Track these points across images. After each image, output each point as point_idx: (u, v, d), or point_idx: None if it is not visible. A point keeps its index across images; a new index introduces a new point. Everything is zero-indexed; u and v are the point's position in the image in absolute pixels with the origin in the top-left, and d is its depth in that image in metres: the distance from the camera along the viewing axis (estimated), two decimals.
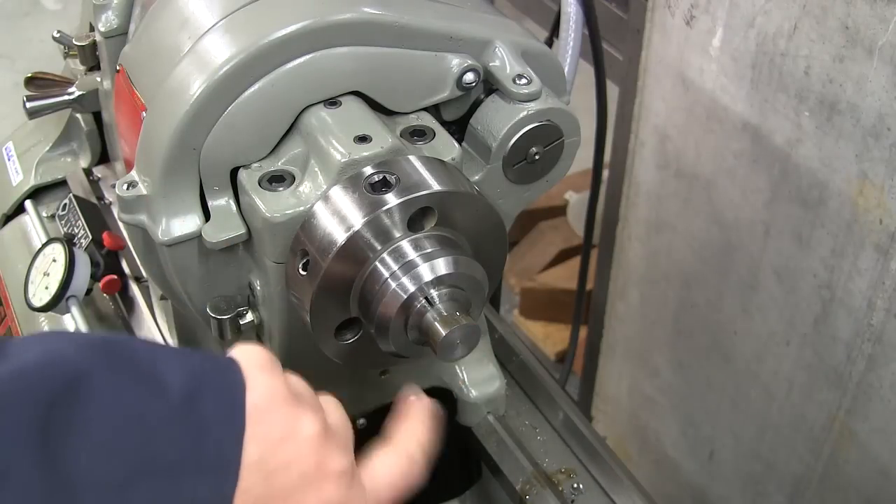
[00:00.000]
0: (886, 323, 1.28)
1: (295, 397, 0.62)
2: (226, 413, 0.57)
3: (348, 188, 0.77)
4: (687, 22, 1.43)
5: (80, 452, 0.52)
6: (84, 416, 0.53)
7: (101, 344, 0.57)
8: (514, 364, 1.11)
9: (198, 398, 0.56)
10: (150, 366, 0.57)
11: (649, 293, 1.79)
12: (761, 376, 1.54)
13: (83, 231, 1.19)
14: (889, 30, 1.12)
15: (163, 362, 0.57)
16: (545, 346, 2.47)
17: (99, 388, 0.54)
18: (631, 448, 2.02)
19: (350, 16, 0.81)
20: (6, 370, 0.52)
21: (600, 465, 1.01)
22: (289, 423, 0.61)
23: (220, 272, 0.85)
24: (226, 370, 0.60)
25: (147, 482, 0.54)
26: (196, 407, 0.56)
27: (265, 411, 0.60)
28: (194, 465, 0.55)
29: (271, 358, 0.64)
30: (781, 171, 1.35)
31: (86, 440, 0.52)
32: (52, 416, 0.52)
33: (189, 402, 0.56)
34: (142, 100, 0.89)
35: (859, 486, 1.43)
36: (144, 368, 0.57)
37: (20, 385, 0.52)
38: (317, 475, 0.61)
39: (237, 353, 0.63)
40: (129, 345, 0.59)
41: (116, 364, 0.56)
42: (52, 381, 0.53)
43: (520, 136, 0.86)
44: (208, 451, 0.56)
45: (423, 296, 0.77)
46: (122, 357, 0.57)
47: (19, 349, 0.55)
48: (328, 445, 0.62)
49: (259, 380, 0.61)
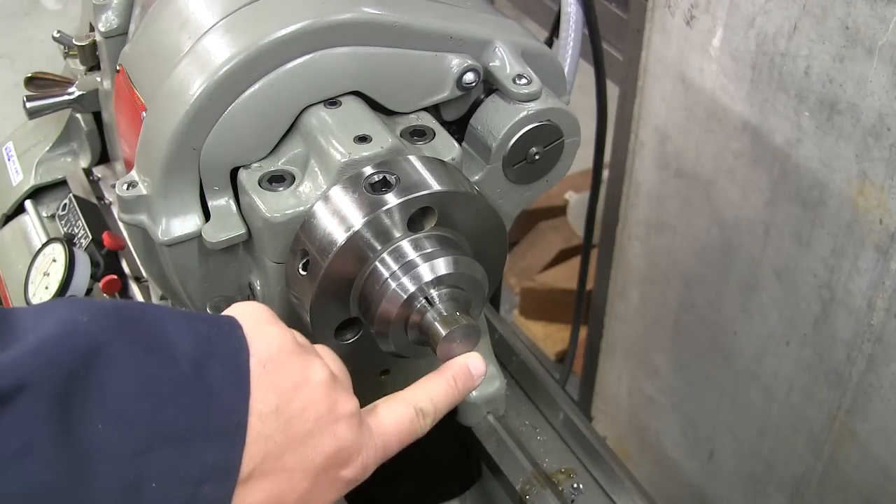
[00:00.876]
0: (886, 323, 1.28)
1: (301, 347, 0.65)
2: (232, 378, 0.59)
3: (348, 188, 0.77)
4: (687, 22, 1.43)
5: (96, 423, 0.54)
6: (100, 387, 0.54)
7: (114, 312, 0.58)
8: (514, 364, 1.11)
9: (206, 364, 0.58)
10: (160, 332, 0.58)
11: (649, 293, 1.79)
12: (761, 376, 1.54)
13: (83, 231, 1.19)
14: (889, 30, 1.12)
15: (172, 327, 0.59)
16: (545, 346, 2.47)
17: (114, 358, 0.55)
18: (631, 448, 2.02)
19: (350, 16, 0.81)
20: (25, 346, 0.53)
21: (600, 465, 1.01)
22: (300, 370, 0.63)
23: (220, 272, 0.85)
24: (230, 334, 0.61)
25: (159, 450, 0.55)
26: (204, 373, 0.58)
27: (278, 362, 0.62)
28: (203, 431, 0.57)
29: (272, 312, 0.66)
30: (781, 171, 1.35)
31: (102, 411, 0.54)
32: (71, 388, 0.53)
33: (197, 368, 0.58)
34: (142, 100, 0.89)
35: (859, 486, 1.43)
36: (155, 335, 0.58)
37: (42, 359, 0.53)
38: (330, 417, 0.64)
39: (239, 312, 0.65)
40: (139, 311, 0.60)
41: (129, 333, 0.57)
42: (70, 355, 0.54)
43: (520, 136, 0.86)
44: (217, 417, 0.57)
45: (423, 296, 0.77)
46: (134, 325, 0.58)
47: (33, 320, 0.56)
48: (337, 389, 0.65)
49: (268, 333, 0.63)
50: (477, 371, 0.76)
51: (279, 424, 0.60)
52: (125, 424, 0.54)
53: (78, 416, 0.53)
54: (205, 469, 0.56)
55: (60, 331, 0.55)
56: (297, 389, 0.62)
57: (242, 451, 0.58)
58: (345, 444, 0.64)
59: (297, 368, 0.63)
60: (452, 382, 0.74)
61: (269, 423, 0.60)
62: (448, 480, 1.11)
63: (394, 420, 0.70)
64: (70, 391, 0.53)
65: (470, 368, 0.75)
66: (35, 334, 0.54)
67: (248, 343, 0.61)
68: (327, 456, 0.63)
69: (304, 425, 0.62)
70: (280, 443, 0.60)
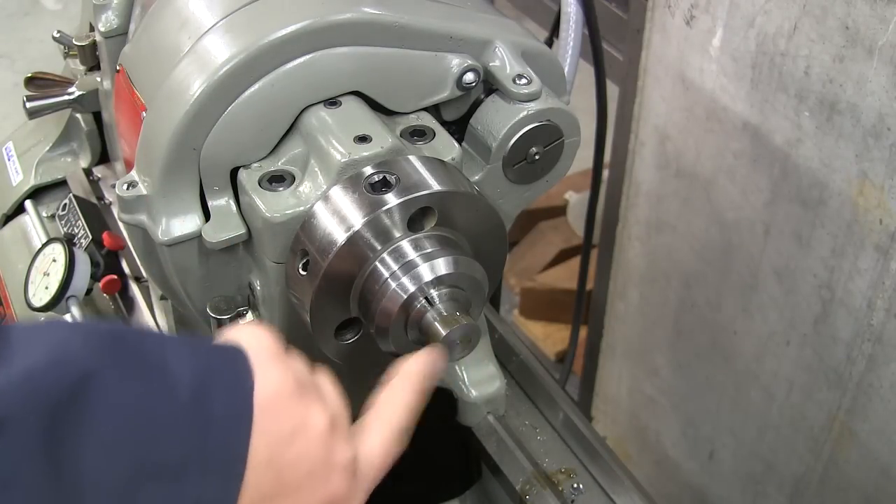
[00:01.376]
0: (886, 323, 1.28)
1: (302, 388, 0.62)
2: (234, 411, 0.57)
3: (348, 188, 0.77)
4: (687, 22, 1.43)
5: (85, 456, 0.52)
6: (91, 418, 0.52)
7: (109, 338, 0.56)
8: (514, 364, 1.11)
9: (206, 395, 0.56)
10: (159, 359, 0.56)
11: (649, 293, 1.79)
12: (761, 376, 1.54)
13: (83, 231, 1.19)
14: (889, 30, 1.12)
15: (172, 354, 0.57)
16: (545, 346, 2.46)
17: (106, 388, 0.53)
18: (631, 448, 2.02)
19: (350, 16, 0.81)
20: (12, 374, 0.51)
21: (600, 465, 1.01)
22: (298, 418, 0.60)
23: (220, 272, 0.85)
24: (234, 364, 0.59)
25: (152, 483, 0.53)
26: (204, 405, 0.55)
27: (275, 407, 0.59)
28: (200, 466, 0.55)
29: (278, 344, 0.63)
30: (781, 171, 1.35)
31: (92, 443, 0.52)
32: (59, 419, 0.51)
33: (197, 399, 0.55)
34: (142, 100, 0.89)
35: (859, 486, 1.43)
36: (153, 362, 0.56)
37: (27, 390, 0.51)
38: (325, 469, 0.61)
39: (244, 339, 0.62)
40: (137, 337, 0.58)
41: (124, 360, 0.55)
42: (58, 385, 0.52)
43: (520, 136, 0.86)
44: (215, 451, 0.55)
45: (423, 296, 0.77)
46: (129, 351, 0.55)
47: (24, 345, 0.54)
48: (335, 436, 0.63)
49: (269, 373, 0.60)
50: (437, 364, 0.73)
51: (271, 475, 0.58)
52: (116, 457, 0.52)
53: (66, 448, 0.51)
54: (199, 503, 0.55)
55: (49, 359, 0.52)
56: (293, 438, 0.60)
57: (240, 488, 0.56)
58: (338, 494, 0.62)
59: (295, 415, 0.60)
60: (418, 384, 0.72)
61: (262, 473, 0.57)
62: (448, 480, 1.11)
63: (382, 450, 0.67)
64: (58, 423, 0.51)
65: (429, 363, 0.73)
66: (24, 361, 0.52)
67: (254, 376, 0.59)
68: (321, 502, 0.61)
69: (298, 475, 0.60)
70: (269, 493, 0.58)
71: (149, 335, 0.60)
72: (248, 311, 0.88)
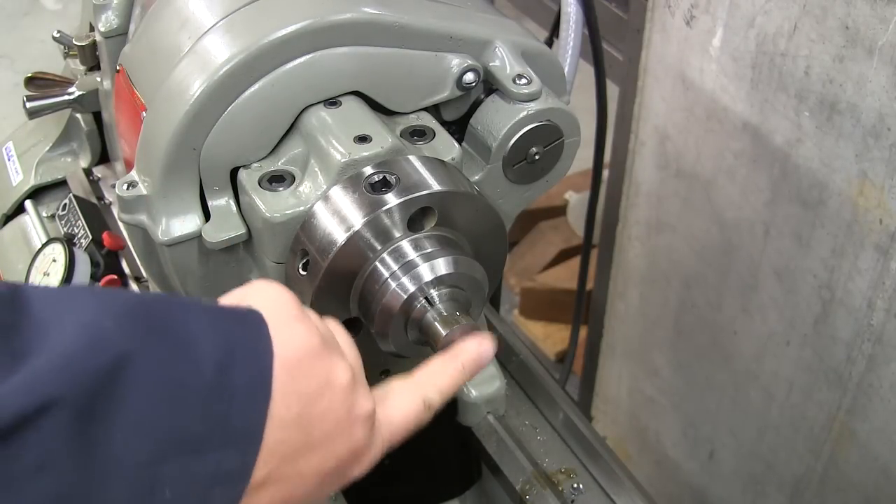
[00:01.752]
0: (886, 323, 1.28)
1: (324, 344, 0.63)
2: (254, 382, 0.58)
3: (348, 188, 0.77)
4: (687, 22, 1.43)
5: (116, 437, 0.52)
6: (125, 400, 0.53)
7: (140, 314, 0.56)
8: (514, 364, 1.11)
9: (228, 366, 0.57)
10: (184, 333, 0.57)
11: (649, 293, 1.79)
12: (761, 376, 1.54)
13: (83, 231, 1.19)
14: (889, 30, 1.12)
15: (196, 326, 0.57)
16: (545, 346, 2.47)
17: (140, 370, 0.54)
18: (631, 448, 2.02)
19: (350, 16, 0.81)
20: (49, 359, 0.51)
21: (600, 465, 1.01)
22: (324, 375, 0.62)
23: (220, 272, 0.85)
24: (254, 333, 0.60)
25: (175, 458, 0.54)
26: (226, 377, 0.56)
27: (301, 367, 0.60)
28: (221, 438, 0.56)
29: (298, 303, 0.64)
30: (781, 171, 1.35)
31: (124, 424, 0.53)
32: (96, 405, 0.52)
33: (220, 372, 0.56)
34: (142, 100, 0.89)
35: (859, 486, 1.43)
36: (180, 337, 0.56)
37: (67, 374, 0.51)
38: (348, 420, 0.63)
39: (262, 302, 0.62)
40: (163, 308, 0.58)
41: (155, 338, 0.55)
42: (97, 368, 0.52)
43: (520, 136, 0.86)
44: (235, 423, 0.56)
45: (423, 296, 0.77)
46: (159, 328, 0.56)
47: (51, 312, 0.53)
48: (356, 389, 0.64)
49: (293, 333, 0.61)
50: (487, 356, 0.74)
51: (300, 430, 0.60)
52: (144, 434, 0.53)
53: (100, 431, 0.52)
54: (218, 474, 0.56)
55: (86, 342, 0.52)
56: (320, 395, 0.61)
57: (256, 458, 0.57)
58: (358, 445, 0.64)
59: (321, 373, 0.62)
60: (461, 369, 0.73)
61: (290, 430, 0.59)
62: (448, 480, 1.11)
63: (403, 413, 0.69)
64: (95, 407, 0.52)
65: (481, 354, 0.74)
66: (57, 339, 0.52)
67: (273, 343, 0.60)
68: (340, 459, 0.63)
69: (323, 429, 0.61)
70: (298, 448, 0.60)
71: (173, 304, 0.59)
72: None
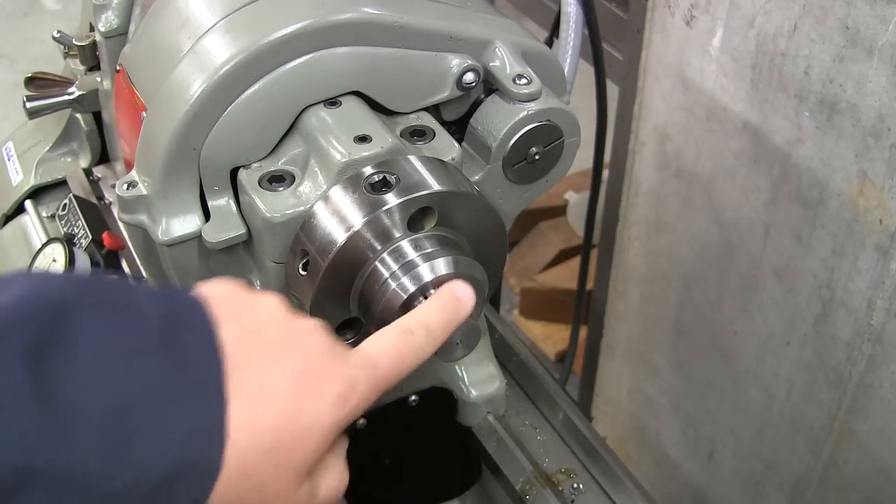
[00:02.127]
0: (886, 323, 1.28)
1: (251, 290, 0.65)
2: (203, 343, 0.58)
3: (348, 188, 0.77)
4: (687, 22, 1.43)
5: (72, 379, 0.53)
6: (72, 345, 0.54)
7: (84, 280, 0.59)
8: (514, 364, 1.11)
9: (174, 329, 0.58)
10: (127, 299, 0.58)
11: (649, 293, 1.79)
12: (761, 376, 1.54)
13: (83, 231, 1.19)
14: (889, 30, 1.12)
15: (138, 295, 0.59)
16: (545, 346, 2.47)
17: (84, 319, 0.55)
18: (631, 448, 2.02)
19: (350, 16, 0.81)
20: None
21: (600, 465, 1.01)
22: (251, 299, 0.63)
23: (220, 272, 0.85)
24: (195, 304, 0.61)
25: (138, 410, 0.54)
26: (174, 337, 0.57)
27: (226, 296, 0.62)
28: (182, 391, 0.56)
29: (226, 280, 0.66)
30: (781, 171, 1.35)
31: (77, 368, 0.53)
32: (42, 345, 0.53)
33: (167, 332, 0.57)
34: (142, 100, 0.89)
35: (859, 486, 1.43)
36: (123, 302, 0.58)
37: (9, 316, 0.53)
38: (294, 329, 0.63)
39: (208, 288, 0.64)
40: (109, 281, 0.60)
41: (97, 298, 0.57)
42: (39, 314, 0.54)
43: (520, 136, 0.86)
44: (193, 378, 0.57)
45: (423, 296, 0.77)
46: (101, 291, 0.58)
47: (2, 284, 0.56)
48: (297, 314, 0.64)
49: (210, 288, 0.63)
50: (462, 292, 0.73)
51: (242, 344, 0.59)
52: (100, 384, 0.54)
53: (52, 374, 0.52)
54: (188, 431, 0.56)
55: (29, 293, 0.54)
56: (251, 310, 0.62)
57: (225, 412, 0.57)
58: (318, 351, 0.62)
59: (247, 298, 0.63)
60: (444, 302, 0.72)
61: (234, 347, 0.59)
62: (448, 480, 1.11)
63: (378, 340, 0.67)
64: (42, 349, 0.53)
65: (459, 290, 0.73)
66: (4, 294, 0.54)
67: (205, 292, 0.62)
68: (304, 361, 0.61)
69: (268, 337, 0.61)
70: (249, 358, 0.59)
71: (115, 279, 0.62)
72: None
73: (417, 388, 1.00)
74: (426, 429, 1.03)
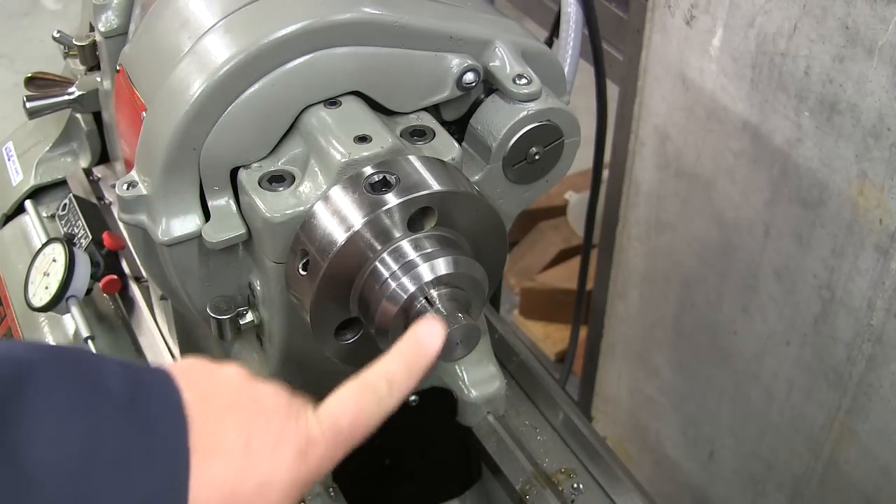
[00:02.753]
0: (886, 323, 1.28)
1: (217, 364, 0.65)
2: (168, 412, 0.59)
3: (348, 188, 0.77)
4: (687, 22, 1.43)
5: (33, 441, 0.53)
6: (35, 407, 0.54)
7: (49, 347, 0.61)
8: (514, 364, 1.11)
9: (139, 399, 0.58)
10: (95, 371, 0.59)
11: (649, 293, 1.79)
12: (761, 376, 1.54)
13: (83, 231, 1.19)
14: (889, 30, 1.12)
15: (105, 366, 0.60)
16: (545, 346, 2.47)
17: (45, 382, 0.55)
18: (631, 448, 2.02)
19: (350, 16, 0.81)
20: None
21: (600, 465, 1.01)
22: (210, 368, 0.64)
23: (220, 272, 0.85)
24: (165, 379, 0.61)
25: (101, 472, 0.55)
26: (138, 406, 0.58)
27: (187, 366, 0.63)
28: (144, 458, 0.56)
29: None
30: (781, 171, 1.35)
31: (38, 430, 0.54)
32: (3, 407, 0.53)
33: (131, 400, 0.58)
34: (142, 100, 0.89)
35: (859, 486, 1.43)
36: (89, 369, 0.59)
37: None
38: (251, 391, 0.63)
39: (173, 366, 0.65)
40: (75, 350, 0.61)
41: (62, 363, 0.58)
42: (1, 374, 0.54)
43: (520, 136, 0.86)
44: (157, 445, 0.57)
45: (422, 296, 0.77)
46: (67, 357, 0.59)
47: None
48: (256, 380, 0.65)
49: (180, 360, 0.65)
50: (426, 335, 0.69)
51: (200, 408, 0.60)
52: (63, 445, 0.54)
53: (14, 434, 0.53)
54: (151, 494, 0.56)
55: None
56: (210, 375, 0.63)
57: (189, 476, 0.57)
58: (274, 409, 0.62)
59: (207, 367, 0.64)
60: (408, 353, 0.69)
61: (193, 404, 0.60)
62: (448, 480, 1.11)
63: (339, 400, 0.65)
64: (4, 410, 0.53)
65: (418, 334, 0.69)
66: None
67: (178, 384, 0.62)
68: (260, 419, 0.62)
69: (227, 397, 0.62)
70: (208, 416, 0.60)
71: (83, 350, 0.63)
72: (248, 311, 0.88)
73: (417, 388, 1.00)
74: (426, 429, 1.03)
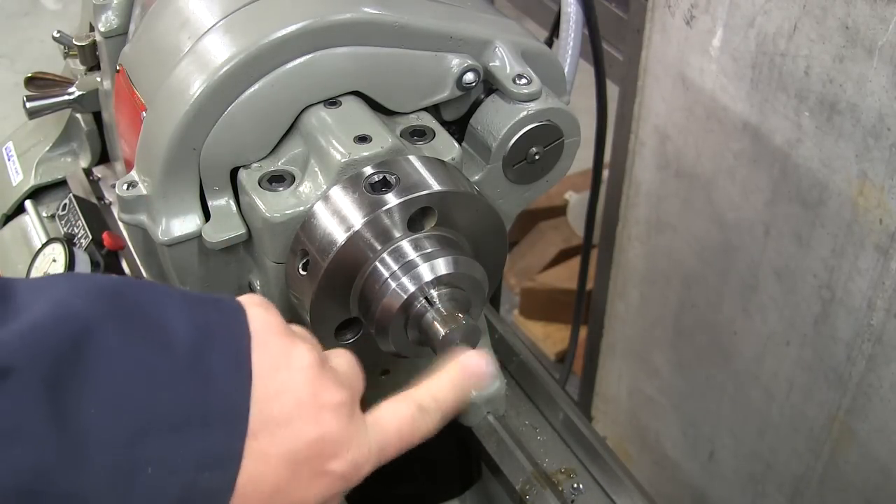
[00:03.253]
0: (886, 323, 1.28)
1: (289, 331, 0.63)
2: (232, 366, 0.58)
3: (348, 188, 0.77)
4: (687, 22, 1.43)
5: (88, 409, 0.53)
6: (92, 372, 0.53)
7: (110, 293, 0.57)
8: (514, 364, 1.11)
9: (204, 351, 0.57)
10: (157, 316, 0.57)
11: (649, 293, 1.79)
12: (761, 376, 1.54)
13: (83, 231, 1.19)
14: (889, 30, 1.12)
15: (171, 311, 0.58)
16: (545, 346, 2.47)
17: (106, 344, 0.54)
18: (631, 448, 2.02)
19: (350, 16, 0.81)
20: (15, 329, 0.53)
21: (600, 465, 1.01)
22: (281, 353, 0.61)
23: (221, 272, 0.85)
24: (233, 321, 0.60)
25: (155, 437, 0.54)
26: (202, 360, 0.56)
27: (258, 341, 0.60)
28: (201, 419, 0.55)
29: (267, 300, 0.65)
30: (781, 171, 1.35)
31: (94, 396, 0.53)
32: (61, 373, 0.52)
33: (195, 355, 0.56)
34: (142, 100, 0.89)
35: (859, 486, 1.43)
36: (152, 319, 0.57)
37: (30, 341, 0.52)
38: (313, 404, 0.61)
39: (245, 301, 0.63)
40: (137, 292, 0.59)
41: (123, 316, 0.56)
42: (60, 337, 0.53)
43: (520, 136, 0.86)
44: (216, 405, 0.56)
45: (422, 296, 0.77)
46: (129, 308, 0.57)
47: (30, 295, 0.55)
48: (323, 378, 0.62)
49: (252, 312, 0.61)
50: (480, 367, 0.72)
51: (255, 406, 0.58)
52: (118, 410, 0.53)
53: (69, 400, 0.52)
54: (204, 457, 0.55)
55: (53, 314, 0.54)
56: (275, 371, 0.60)
57: (244, 441, 0.57)
58: (329, 433, 0.61)
59: (277, 349, 0.61)
60: (457, 379, 0.71)
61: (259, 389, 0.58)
62: (448, 480, 1.11)
63: (393, 417, 0.66)
64: (61, 376, 0.52)
65: (473, 365, 0.72)
66: (28, 315, 0.54)
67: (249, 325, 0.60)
68: (308, 443, 0.60)
69: (283, 408, 0.60)
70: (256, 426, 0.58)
71: (149, 289, 0.60)
72: None
73: None
74: None
